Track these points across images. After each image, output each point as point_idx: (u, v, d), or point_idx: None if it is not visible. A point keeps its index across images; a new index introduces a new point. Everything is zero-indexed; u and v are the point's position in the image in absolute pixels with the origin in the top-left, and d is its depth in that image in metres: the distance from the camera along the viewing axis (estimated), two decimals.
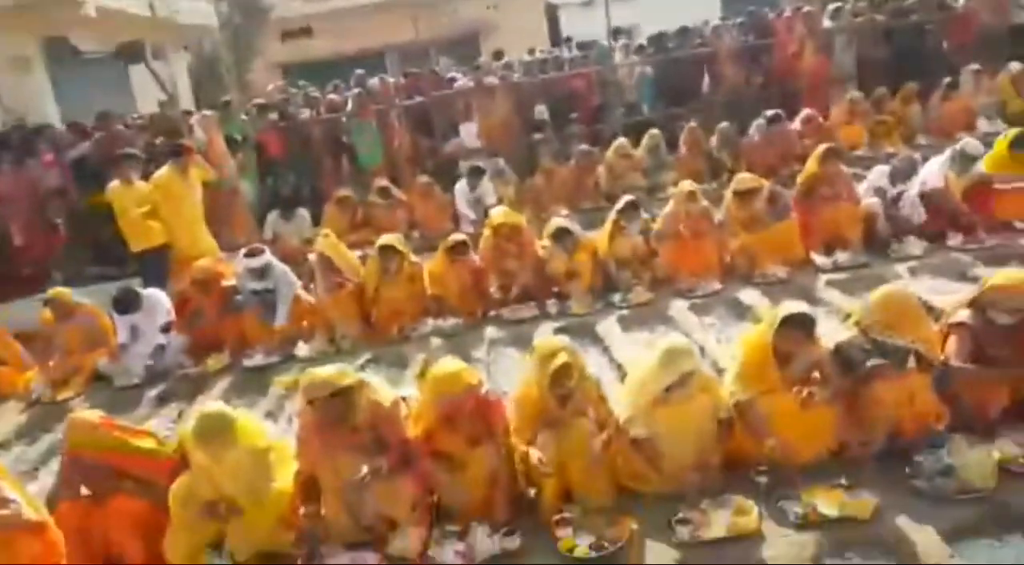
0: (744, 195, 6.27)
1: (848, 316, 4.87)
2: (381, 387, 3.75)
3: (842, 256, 6.13)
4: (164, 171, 7.45)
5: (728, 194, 6.51)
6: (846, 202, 6.36)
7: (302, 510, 3.50)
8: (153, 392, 5.92)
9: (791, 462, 3.48)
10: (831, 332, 4.32)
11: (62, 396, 5.96)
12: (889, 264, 6.02)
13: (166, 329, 6.30)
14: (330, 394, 3.44)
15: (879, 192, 6.49)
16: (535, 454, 3.42)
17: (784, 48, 11.12)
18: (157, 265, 7.50)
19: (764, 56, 11.41)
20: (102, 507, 3.58)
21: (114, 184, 7.39)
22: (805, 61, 10.81)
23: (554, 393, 3.50)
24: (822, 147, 6.59)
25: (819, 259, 6.19)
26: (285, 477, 3.64)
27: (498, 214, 6.64)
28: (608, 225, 6.46)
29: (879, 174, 6.59)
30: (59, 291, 6.50)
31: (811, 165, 6.59)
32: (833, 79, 10.88)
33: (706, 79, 11.29)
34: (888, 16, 11.02)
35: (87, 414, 3.83)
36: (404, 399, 3.91)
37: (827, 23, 11.08)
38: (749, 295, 5.82)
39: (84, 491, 3.71)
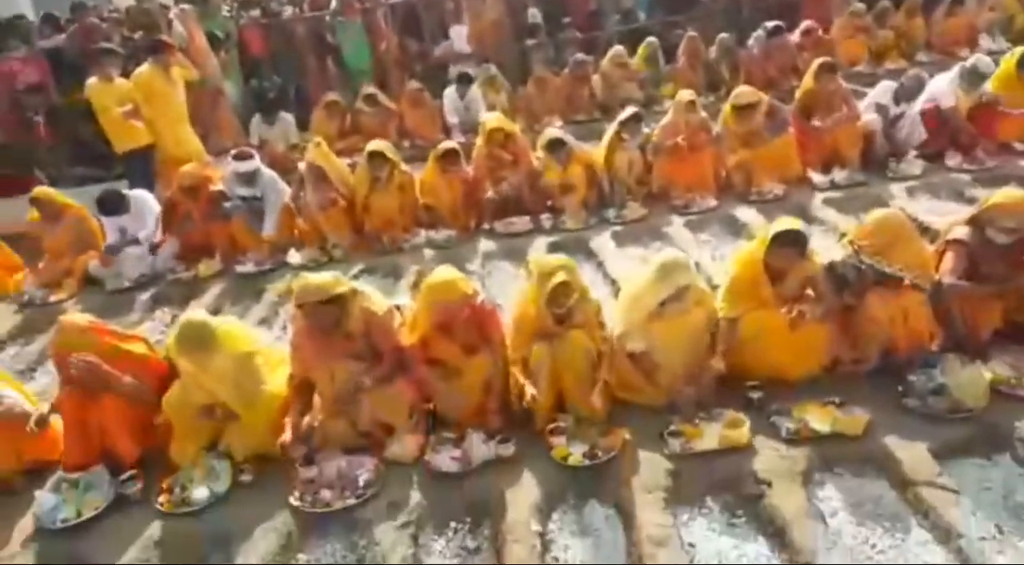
0: (743, 109, 6.17)
1: (843, 235, 4.94)
2: (375, 296, 3.75)
3: (839, 174, 6.10)
4: (144, 69, 7.19)
5: (726, 108, 6.40)
6: (844, 119, 6.28)
7: (294, 415, 3.54)
8: (145, 296, 5.89)
9: (782, 378, 3.56)
10: (826, 250, 4.37)
11: (55, 298, 5.94)
12: (886, 183, 6.01)
13: (155, 248, 6.22)
14: (322, 300, 3.45)
15: (880, 109, 6.40)
16: (529, 390, 3.46)
17: None
18: (142, 166, 7.34)
19: None
20: (96, 401, 3.62)
21: (93, 81, 7.14)
22: None
23: (551, 311, 3.51)
24: (817, 62, 6.48)
25: (816, 177, 6.16)
26: (277, 381, 3.68)
27: (491, 120, 6.51)
28: (608, 137, 6.35)
29: (883, 90, 6.48)
30: (45, 191, 6.37)
31: (807, 81, 6.50)
32: None
33: None
34: None
35: (77, 318, 3.82)
36: (398, 308, 3.93)
37: None
38: (745, 212, 5.81)
39: None
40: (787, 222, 3.66)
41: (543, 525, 3.08)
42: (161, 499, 3.41)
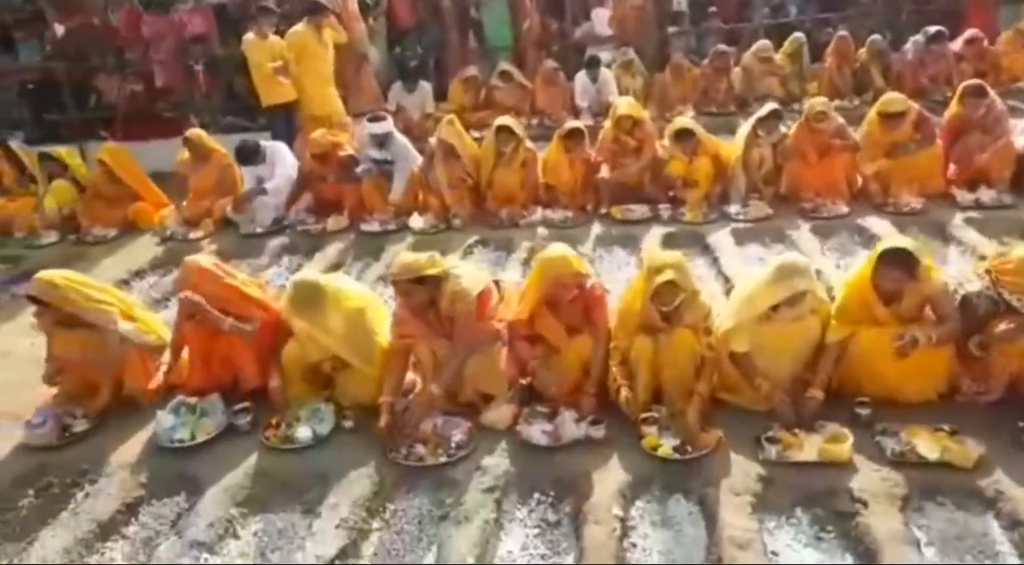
0: (890, 117, 5.86)
1: (982, 258, 4.64)
2: (471, 276, 3.74)
3: (986, 194, 5.72)
4: (299, 28, 7.54)
5: (871, 113, 6.10)
6: (995, 140, 5.84)
7: (390, 381, 3.64)
8: (275, 243, 6.25)
9: (893, 400, 3.41)
10: (961, 273, 4.13)
11: (193, 235, 6.39)
12: None
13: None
14: (412, 279, 3.55)
15: None
16: (624, 391, 3.46)
17: None
18: (284, 121, 7.75)
19: None
20: (223, 334, 3.88)
21: (248, 37, 7.57)
22: None
23: (656, 307, 3.48)
24: (963, 85, 6.04)
25: (959, 194, 5.80)
26: (387, 334, 3.81)
27: (622, 105, 6.48)
28: (745, 132, 6.19)
29: None
30: (197, 132, 6.84)
31: (954, 104, 6.07)
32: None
33: None
34: None
35: (201, 259, 4.06)
36: (497, 283, 3.99)
37: None
38: (877, 223, 5.54)
39: None
40: (896, 240, 3.48)
41: (625, 511, 3.08)
42: (267, 434, 3.61)
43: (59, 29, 9.06)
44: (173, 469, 3.53)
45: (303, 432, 3.58)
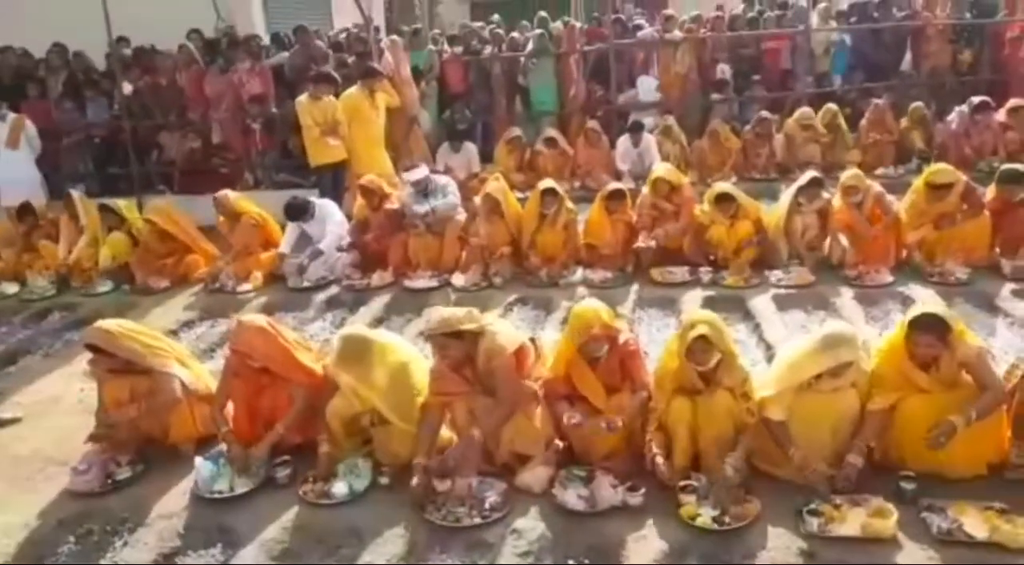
0: (937, 188, 5.83)
1: None
2: (508, 333, 3.76)
3: None
4: (353, 91, 7.83)
5: (918, 183, 6.08)
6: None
7: (424, 438, 3.62)
8: (321, 297, 6.39)
9: (939, 475, 3.32)
10: (1008, 347, 4.05)
11: (242, 288, 6.56)
12: None
13: (342, 249, 6.73)
14: (448, 333, 3.58)
15: None
16: (658, 460, 3.43)
17: (1003, 30, 10.09)
18: (331, 181, 7.97)
19: (977, 37, 10.43)
20: (268, 391, 3.97)
21: (302, 98, 7.85)
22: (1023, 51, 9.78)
23: (692, 366, 3.46)
24: (1000, 171, 6.01)
25: (1007, 265, 5.71)
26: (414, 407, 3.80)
27: (658, 169, 6.57)
28: (786, 200, 6.21)
29: None
30: (224, 193, 7.06)
31: (993, 188, 6.02)
32: None
33: (908, 55, 10.47)
34: None
35: (257, 319, 4.12)
36: (534, 341, 3.99)
37: None
38: (922, 293, 5.47)
39: None
40: (926, 306, 3.43)
41: None
42: (305, 488, 3.64)
43: (127, 87, 9.51)
44: (211, 520, 3.57)
45: (340, 488, 3.60)
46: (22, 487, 3.93)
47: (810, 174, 6.24)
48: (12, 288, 7.08)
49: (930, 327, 3.31)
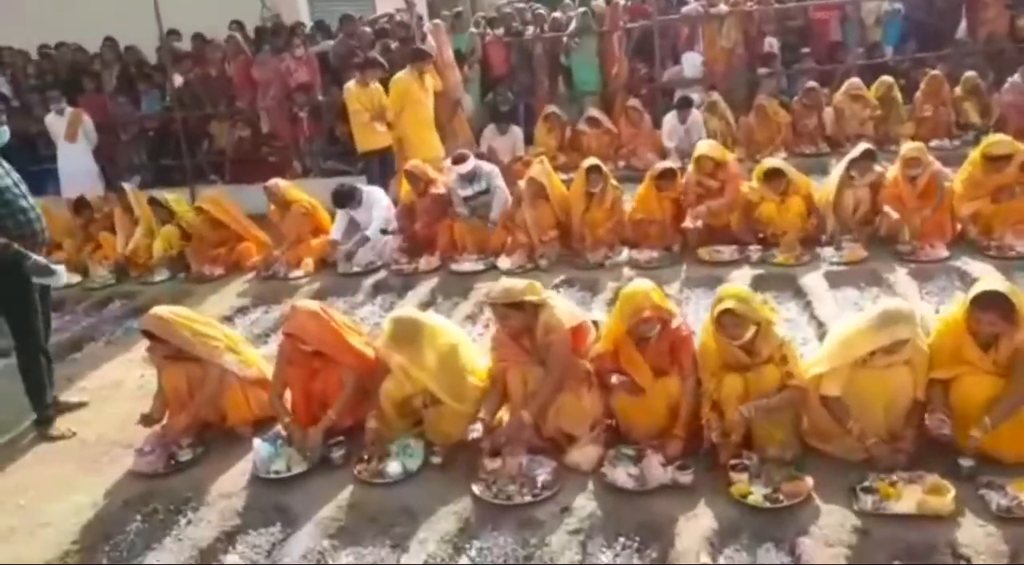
0: (995, 160, 5.66)
1: None
2: (568, 310, 3.82)
3: None
4: (403, 75, 7.83)
5: (974, 155, 5.90)
6: None
7: (488, 410, 3.72)
8: (370, 282, 6.49)
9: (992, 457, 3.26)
10: None
11: (293, 274, 6.69)
12: None
13: (386, 232, 6.81)
14: (509, 304, 3.63)
15: None
16: (714, 435, 3.43)
17: None
18: (379, 166, 8.04)
19: None
20: (322, 374, 4.05)
21: (350, 85, 7.92)
22: None
23: (727, 340, 3.43)
24: None
25: None
26: (479, 373, 3.90)
27: (701, 147, 6.49)
28: (838, 174, 6.09)
29: None
30: (276, 183, 7.17)
31: None
32: None
33: (963, 23, 10.11)
34: None
35: (310, 304, 4.23)
36: (595, 323, 4.01)
37: None
38: (979, 267, 5.31)
39: None
40: (990, 282, 3.34)
41: (713, 558, 3.02)
42: (359, 467, 3.72)
43: (178, 79, 9.72)
44: (269, 499, 3.67)
45: (393, 467, 3.67)
46: (88, 469, 4.09)
47: (862, 146, 6.10)
48: (75, 278, 7.30)
49: (993, 305, 3.22)
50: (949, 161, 6.41)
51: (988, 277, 3.89)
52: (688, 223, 6.19)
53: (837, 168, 6.21)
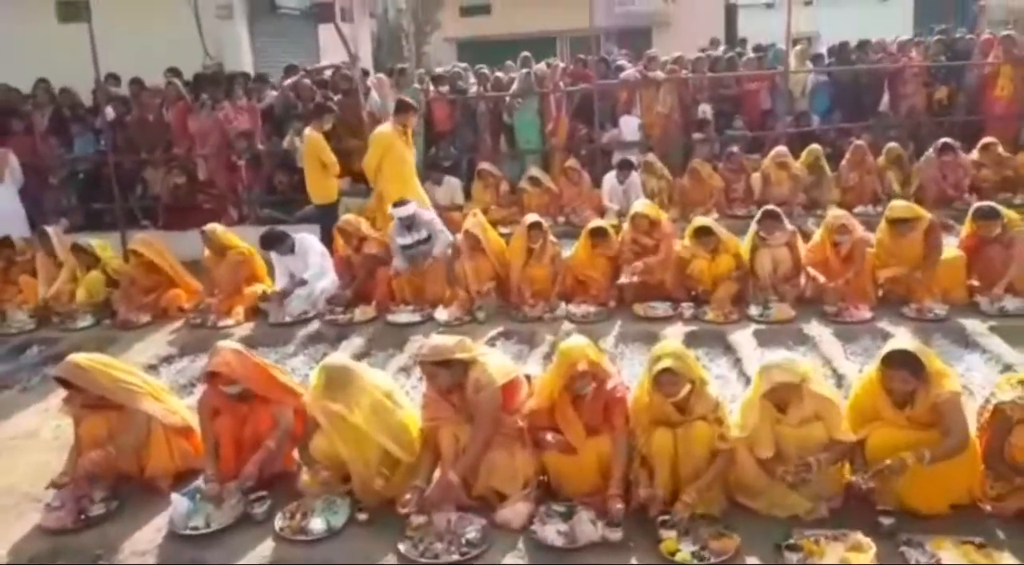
0: (897, 224, 5.94)
1: (1009, 368, 4.60)
2: (500, 366, 3.79)
3: (1011, 302, 5.71)
4: (386, 128, 7.62)
5: (883, 221, 6.18)
6: (1017, 253, 5.84)
7: (423, 469, 3.67)
8: (303, 332, 6.37)
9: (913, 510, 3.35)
10: (986, 382, 4.08)
11: (223, 323, 6.53)
12: None
13: (330, 296, 6.72)
14: (438, 362, 3.61)
15: None
16: (643, 490, 3.46)
17: (976, 73, 10.37)
18: (333, 218, 7.89)
19: (952, 79, 10.69)
20: (251, 414, 3.95)
21: (309, 132, 7.81)
22: (998, 90, 10.03)
23: (664, 398, 3.48)
24: (974, 208, 6.10)
25: (983, 302, 5.78)
26: (413, 420, 3.83)
27: (638, 205, 6.65)
28: (749, 236, 6.31)
29: None
30: (213, 227, 7.05)
31: (968, 225, 6.12)
32: None
33: (886, 97, 10.71)
34: None
35: (232, 343, 4.16)
36: (528, 378, 4.01)
37: None
38: (899, 330, 5.51)
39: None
40: (900, 342, 3.47)
41: None
42: (282, 523, 3.60)
43: (109, 113, 9.54)
44: (186, 556, 3.52)
45: (317, 524, 3.57)
46: None
47: (765, 208, 6.33)
48: None
49: (903, 363, 3.35)
50: (873, 227, 6.66)
51: (899, 338, 4.02)
52: (624, 279, 6.30)
53: (750, 230, 6.41)
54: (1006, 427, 3.31)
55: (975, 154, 8.75)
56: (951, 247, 6.26)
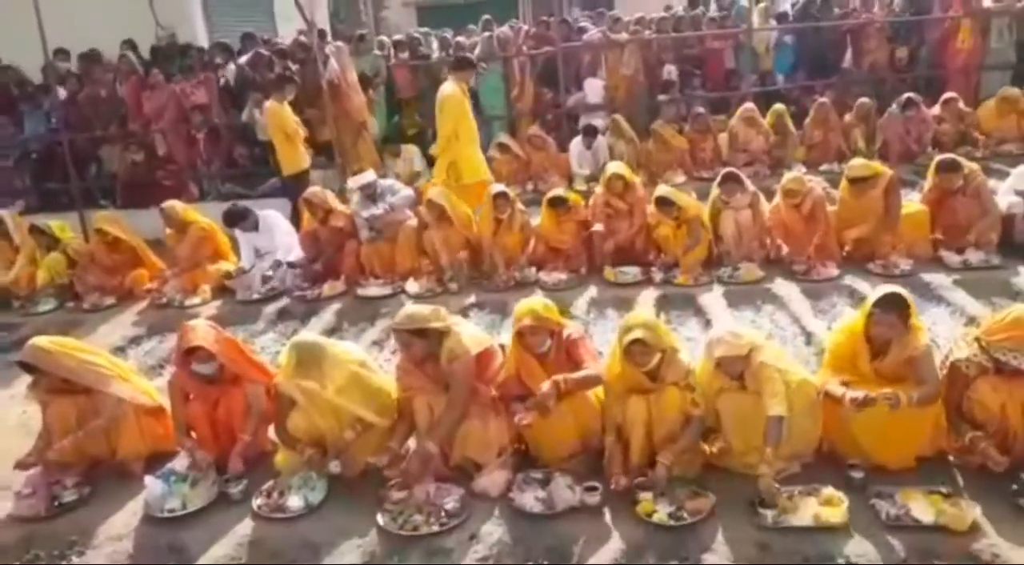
0: (856, 182, 6.00)
1: (973, 320, 4.68)
2: (474, 336, 3.79)
3: (973, 256, 5.81)
4: (451, 88, 7.05)
5: (843, 180, 6.23)
6: (979, 204, 5.92)
7: (397, 438, 3.67)
8: (271, 309, 6.29)
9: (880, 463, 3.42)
10: (950, 335, 4.16)
11: (189, 302, 6.43)
12: None
13: (293, 265, 6.64)
14: (412, 330, 3.60)
15: (1021, 193, 6.10)
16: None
17: (937, 27, 10.42)
18: (304, 186, 7.75)
19: (915, 34, 10.74)
20: (223, 391, 3.91)
21: (271, 104, 7.63)
22: (958, 43, 10.09)
23: (629, 364, 3.50)
24: (936, 161, 6.16)
25: (947, 256, 5.88)
26: (388, 388, 3.84)
27: (612, 166, 6.63)
28: (711, 198, 6.33)
29: (1021, 175, 6.19)
30: (172, 204, 6.90)
31: (930, 177, 6.19)
32: (987, 65, 10.11)
33: (849, 53, 10.73)
34: None
35: (202, 321, 4.14)
36: (503, 347, 4.00)
37: (988, 3, 10.25)
38: (866, 286, 5.58)
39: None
40: (890, 288, 3.52)
41: None
42: (259, 502, 3.59)
43: (61, 93, 9.25)
44: (163, 539, 3.49)
45: (294, 501, 3.55)
46: None
47: (725, 170, 6.36)
48: None
49: (894, 306, 3.41)
50: (838, 184, 6.73)
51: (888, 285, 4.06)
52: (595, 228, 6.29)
53: (711, 193, 6.42)
54: (963, 383, 3.38)
55: (936, 109, 8.83)
56: (914, 202, 6.35)
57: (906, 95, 8.67)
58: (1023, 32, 10.06)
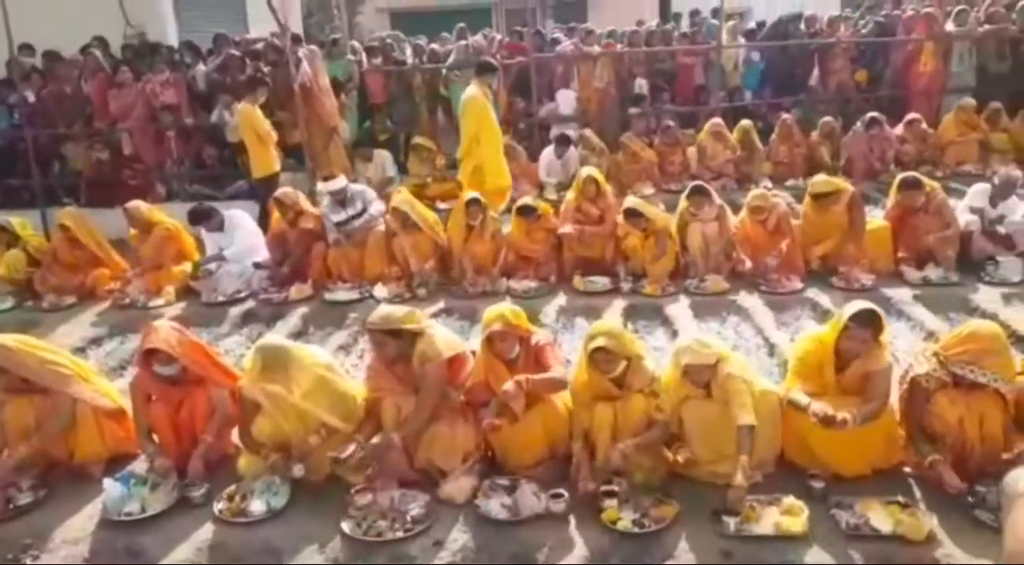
0: (819, 198, 6.12)
1: (931, 335, 4.79)
2: (447, 340, 3.80)
3: (933, 272, 5.95)
4: (475, 92, 6.98)
5: (807, 196, 6.35)
6: (940, 222, 6.07)
7: (362, 438, 3.63)
8: (237, 311, 6.22)
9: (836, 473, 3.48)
10: (910, 349, 4.25)
11: (153, 303, 6.32)
12: (982, 287, 5.81)
13: (259, 266, 6.58)
14: (386, 330, 3.59)
15: (977, 212, 6.27)
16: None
17: (901, 49, 10.69)
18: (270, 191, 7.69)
19: (880, 56, 11.00)
20: (186, 392, 3.85)
21: (243, 106, 7.58)
22: (921, 66, 10.36)
23: (595, 372, 3.53)
24: (899, 179, 6.32)
25: (908, 272, 6.01)
26: (354, 392, 3.83)
27: (586, 170, 6.70)
28: (679, 211, 6.41)
29: (978, 193, 6.37)
30: (136, 204, 6.81)
31: (893, 195, 6.34)
32: (948, 88, 10.39)
33: (815, 72, 10.95)
34: (1017, 27, 10.37)
35: (167, 322, 4.07)
36: (474, 353, 4.00)
37: (950, 27, 10.54)
38: (828, 299, 5.69)
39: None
40: (864, 304, 3.58)
41: None
42: (220, 506, 3.54)
43: (30, 96, 9.09)
44: (120, 543, 3.43)
45: (257, 505, 3.51)
46: None
47: (693, 183, 6.45)
48: None
49: (869, 322, 3.47)
50: (803, 199, 6.85)
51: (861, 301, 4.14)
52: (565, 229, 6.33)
53: (679, 205, 6.50)
54: (923, 397, 3.45)
55: (900, 129, 9.05)
56: (877, 219, 6.49)
57: (870, 114, 8.88)
58: (983, 57, 10.35)
